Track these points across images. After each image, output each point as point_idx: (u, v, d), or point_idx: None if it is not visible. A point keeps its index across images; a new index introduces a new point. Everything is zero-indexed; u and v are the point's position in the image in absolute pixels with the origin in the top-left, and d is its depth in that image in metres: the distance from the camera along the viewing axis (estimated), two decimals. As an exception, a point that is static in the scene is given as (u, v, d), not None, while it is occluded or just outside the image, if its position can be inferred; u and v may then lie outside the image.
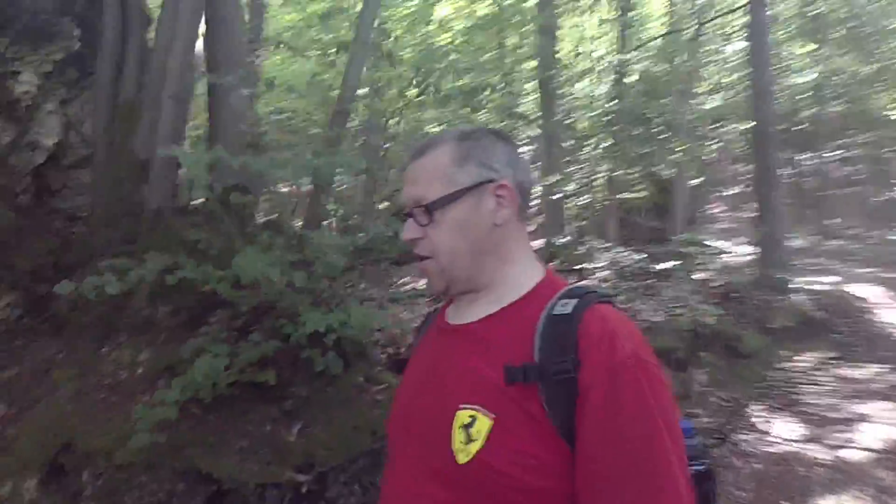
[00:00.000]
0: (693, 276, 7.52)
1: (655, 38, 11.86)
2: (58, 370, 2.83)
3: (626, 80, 11.73)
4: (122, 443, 2.49)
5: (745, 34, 9.11)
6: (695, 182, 14.07)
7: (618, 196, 12.59)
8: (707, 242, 11.24)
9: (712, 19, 11.10)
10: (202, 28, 4.16)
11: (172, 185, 3.52)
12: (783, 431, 4.69)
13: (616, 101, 11.03)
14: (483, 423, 0.85)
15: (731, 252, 11.18)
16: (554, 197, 9.89)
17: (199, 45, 4.11)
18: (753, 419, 4.89)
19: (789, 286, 7.14)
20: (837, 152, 16.38)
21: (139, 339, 3.08)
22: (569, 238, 9.63)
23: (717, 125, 11.66)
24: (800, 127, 15.10)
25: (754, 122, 7.81)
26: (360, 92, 5.67)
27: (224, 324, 3.00)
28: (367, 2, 4.85)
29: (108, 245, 3.33)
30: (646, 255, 8.00)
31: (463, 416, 0.87)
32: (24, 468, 2.41)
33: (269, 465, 2.61)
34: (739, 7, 9.56)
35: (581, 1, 12.35)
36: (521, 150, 1.00)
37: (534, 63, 11.09)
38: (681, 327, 5.77)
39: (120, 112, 3.72)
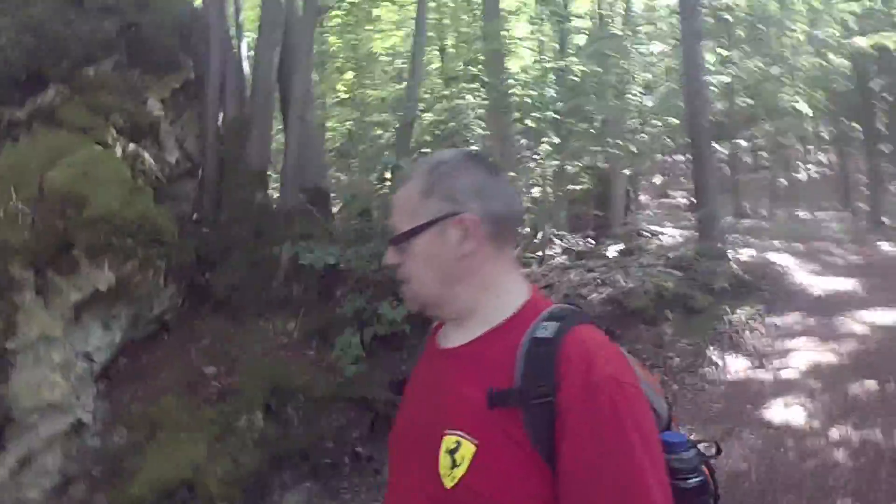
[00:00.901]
0: (643, 256, 8.99)
1: (591, 42, 13.30)
2: (238, 338, 3.71)
3: (567, 80, 13.09)
4: (311, 384, 3.44)
5: (679, 37, 10.62)
6: (628, 172, 15.73)
7: (566, 188, 14.02)
8: (645, 229, 12.95)
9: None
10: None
11: (298, 189, 4.41)
12: (735, 364, 6.10)
13: (560, 102, 12.35)
14: (467, 449, 0.87)
15: (665, 234, 12.98)
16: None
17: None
18: (713, 357, 6.29)
19: (725, 256, 8.71)
20: (745, 142, 18.49)
21: (284, 312, 3.99)
22: (527, 229, 10.88)
23: (650, 120, 13.22)
24: (714, 120, 17.08)
25: (690, 117, 9.33)
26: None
27: (354, 295, 3.97)
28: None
29: (241, 239, 4.19)
30: (594, 241, 9.36)
31: (449, 441, 0.89)
32: (250, 406, 3.32)
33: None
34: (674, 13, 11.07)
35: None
36: (500, 175, 1.07)
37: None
38: (647, 292, 7.12)
39: (228, 129, 4.53)
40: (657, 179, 21.97)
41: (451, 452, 0.88)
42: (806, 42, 17.16)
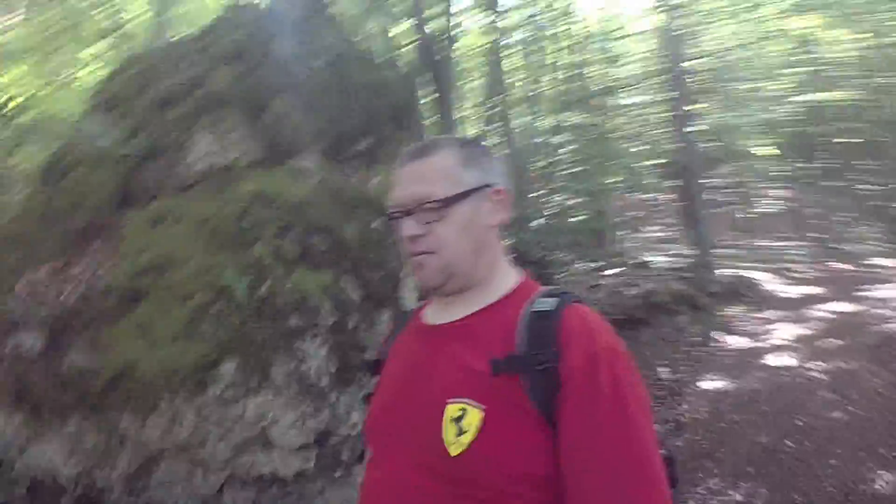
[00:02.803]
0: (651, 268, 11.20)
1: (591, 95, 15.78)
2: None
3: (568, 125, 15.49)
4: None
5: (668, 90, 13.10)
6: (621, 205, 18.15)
7: (568, 220, 16.26)
8: (632, 254, 15.30)
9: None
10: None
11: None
12: (735, 342, 8.22)
13: (562, 147, 14.69)
14: (474, 415, 0.89)
15: (651, 261, 15.36)
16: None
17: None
18: (717, 338, 8.39)
19: (714, 269, 11.00)
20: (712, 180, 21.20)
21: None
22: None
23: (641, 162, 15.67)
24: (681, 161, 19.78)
25: (682, 159, 11.70)
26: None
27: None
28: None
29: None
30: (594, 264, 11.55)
31: (453, 409, 0.92)
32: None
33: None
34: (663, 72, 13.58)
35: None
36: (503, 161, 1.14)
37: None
38: (663, 292, 9.25)
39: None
40: (638, 213, 24.53)
41: (457, 420, 0.90)
42: (764, 94, 20.16)
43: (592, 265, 11.97)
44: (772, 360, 6.89)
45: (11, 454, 2.98)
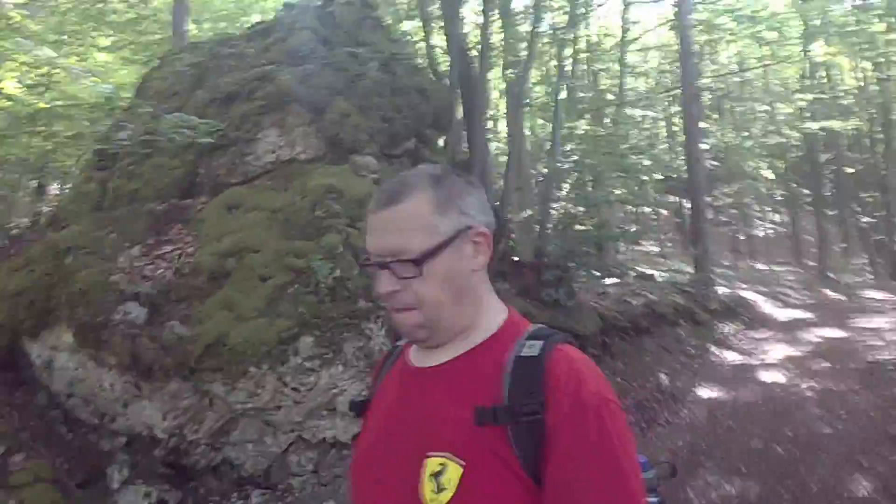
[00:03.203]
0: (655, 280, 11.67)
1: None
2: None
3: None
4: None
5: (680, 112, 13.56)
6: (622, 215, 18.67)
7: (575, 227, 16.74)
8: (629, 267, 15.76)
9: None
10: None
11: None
12: (730, 357, 8.71)
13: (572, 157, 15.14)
14: (454, 471, 0.86)
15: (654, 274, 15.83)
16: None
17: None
18: (715, 352, 8.88)
19: (714, 286, 11.48)
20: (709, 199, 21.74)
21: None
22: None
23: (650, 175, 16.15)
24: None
25: (690, 176, 12.17)
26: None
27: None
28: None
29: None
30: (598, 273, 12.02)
31: (433, 463, 0.87)
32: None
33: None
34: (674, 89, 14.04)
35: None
36: (482, 190, 1.05)
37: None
38: (667, 304, 9.73)
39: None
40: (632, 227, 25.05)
41: (436, 476, 0.86)
42: (767, 120, 20.69)
43: (598, 274, 12.44)
44: (765, 375, 7.37)
45: (117, 409, 3.40)
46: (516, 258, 7.24)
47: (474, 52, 9.75)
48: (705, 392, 6.86)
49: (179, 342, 3.29)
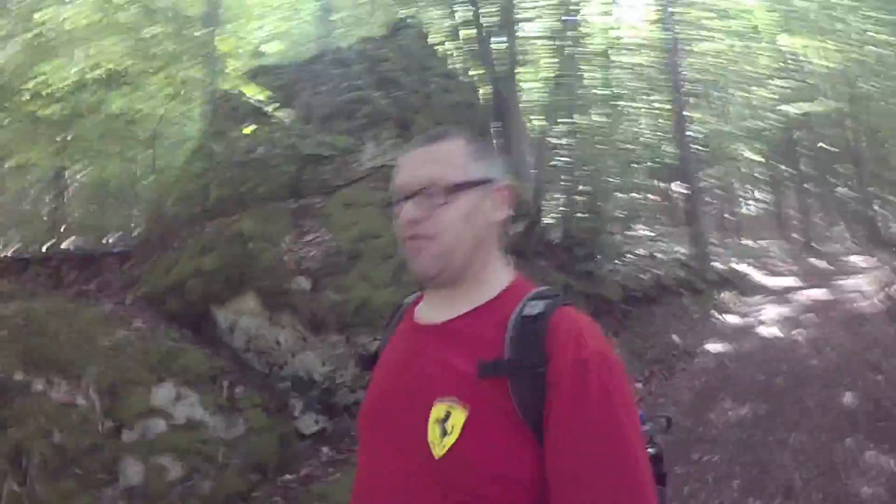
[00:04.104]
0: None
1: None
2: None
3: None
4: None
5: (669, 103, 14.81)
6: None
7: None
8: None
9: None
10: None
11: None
12: (730, 319, 9.94)
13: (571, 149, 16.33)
14: (458, 416, 0.89)
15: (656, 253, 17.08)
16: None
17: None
18: (716, 315, 10.12)
19: (710, 261, 12.78)
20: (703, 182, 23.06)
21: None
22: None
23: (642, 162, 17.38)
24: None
25: (683, 162, 13.42)
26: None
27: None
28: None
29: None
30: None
31: (439, 410, 0.91)
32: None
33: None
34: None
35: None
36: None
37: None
38: (669, 277, 10.97)
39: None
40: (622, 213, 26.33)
41: (441, 421, 0.90)
42: (745, 104, 21.99)
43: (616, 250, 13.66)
44: (762, 330, 8.62)
45: (286, 358, 4.51)
46: (550, 239, 8.37)
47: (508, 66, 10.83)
48: (712, 346, 8.05)
49: (334, 305, 4.38)
